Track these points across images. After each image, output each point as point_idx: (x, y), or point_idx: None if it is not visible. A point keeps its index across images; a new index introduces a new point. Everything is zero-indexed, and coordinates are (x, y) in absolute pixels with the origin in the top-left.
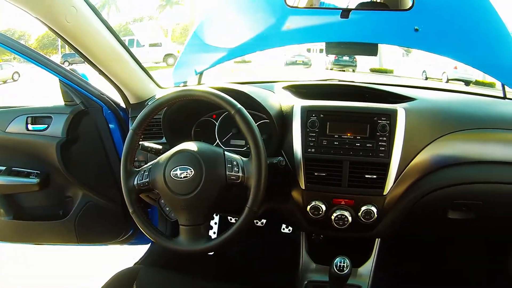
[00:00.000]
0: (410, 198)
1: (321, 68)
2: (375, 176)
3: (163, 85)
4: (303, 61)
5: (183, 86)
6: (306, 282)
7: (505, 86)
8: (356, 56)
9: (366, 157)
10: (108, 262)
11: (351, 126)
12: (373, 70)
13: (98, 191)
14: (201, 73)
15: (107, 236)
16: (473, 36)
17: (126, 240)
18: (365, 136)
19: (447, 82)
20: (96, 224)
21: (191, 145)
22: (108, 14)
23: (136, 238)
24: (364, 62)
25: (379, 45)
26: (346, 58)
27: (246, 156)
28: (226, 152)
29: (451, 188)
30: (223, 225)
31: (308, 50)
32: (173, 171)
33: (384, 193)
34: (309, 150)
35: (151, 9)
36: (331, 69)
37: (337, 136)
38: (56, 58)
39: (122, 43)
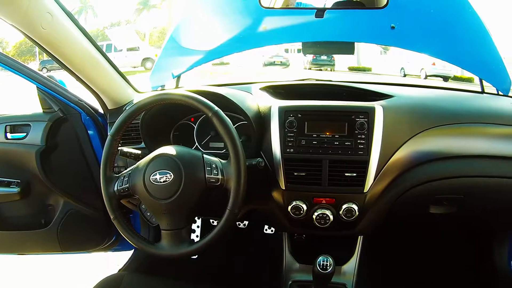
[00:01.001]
0: (391, 195)
1: (299, 68)
2: (355, 174)
3: (141, 89)
4: (281, 62)
5: (161, 90)
6: (290, 282)
7: (483, 81)
8: (334, 55)
9: (345, 156)
10: (92, 270)
11: (329, 125)
12: (351, 69)
13: (79, 198)
14: (178, 77)
15: (90, 243)
16: (450, 32)
17: (110, 246)
18: (343, 135)
19: (425, 78)
20: (79, 232)
21: (169, 149)
22: (85, 19)
23: (119, 245)
24: (342, 61)
25: (357, 44)
26: (324, 57)
27: (226, 158)
28: (204, 155)
29: (432, 183)
30: (206, 228)
31: (286, 51)
32: (153, 176)
33: (365, 191)
34: (288, 150)
35: (128, 13)
36: (309, 69)
37: (315, 135)
38: (35, 64)
39: (98, 49)
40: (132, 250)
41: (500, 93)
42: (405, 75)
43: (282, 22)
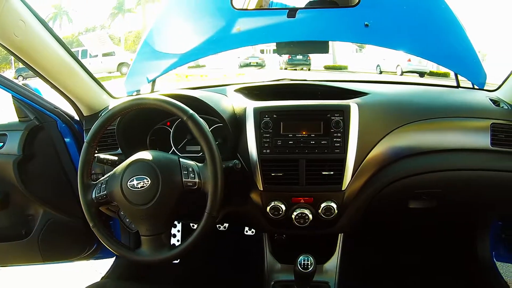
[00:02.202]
0: (369, 192)
1: (275, 68)
2: (332, 172)
3: (117, 95)
4: (257, 63)
5: (136, 95)
6: (272, 282)
7: (458, 75)
8: (310, 55)
9: (322, 154)
10: (75, 279)
11: (305, 125)
12: (327, 68)
13: (59, 207)
14: (153, 81)
15: (71, 252)
16: (423, 28)
17: (91, 255)
18: (319, 134)
19: (401, 74)
20: (60, 241)
21: (146, 154)
22: (60, 25)
23: (101, 252)
24: (318, 60)
25: (332, 43)
26: (299, 57)
27: (203, 162)
28: (181, 159)
29: (410, 178)
30: (186, 232)
31: (262, 51)
32: (130, 182)
33: (343, 189)
34: (264, 151)
35: (103, 18)
36: (285, 69)
37: (291, 135)
38: (10, 72)
39: (72, 55)
40: (114, 257)
41: (475, 87)
42: (381, 72)
43: (256, 23)
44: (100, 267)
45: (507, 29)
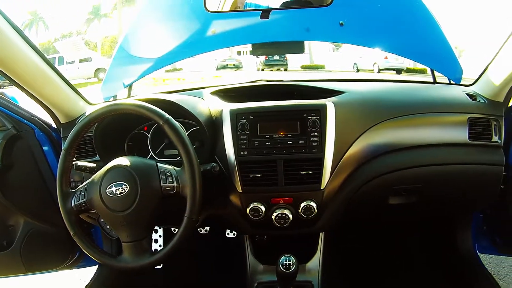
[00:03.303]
0: (348, 190)
1: (252, 69)
2: (310, 172)
3: (94, 101)
4: (234, 64)
5: (113, 100)
6: (256, 284)
7: (434, 71)
8: (286, 55)
9: (300, 154)
10: None
11: (282, 125)
12: (304, 67)
13: (39, 217)
14: (130, 86)
15: (54, 261)
16: (398, 25)
17: (74, 263)
18: (296, 133)
19: (378, 72)
20: (42, 251)
21: (123, 160)
22: (36, 32)
23: (83, 261)
24: (295, 60)
25: (308, 42)
26: (276, 57)
27: (181, 166)
28: (158, 164)
29: (388, 175)
30: (168, 237)
31: (239, 53)
32: (109, 188)
33: (322, 188)
34: (242, 153)
35: (80, 23)
36: (262, 70)
37: (268, 136)
38: None
39: (48, 62)
40: (97, 265)
41: (452, 82)
42: (358, 71)
43: (230, 25)
44: (84, 275)
45: (483, 24)
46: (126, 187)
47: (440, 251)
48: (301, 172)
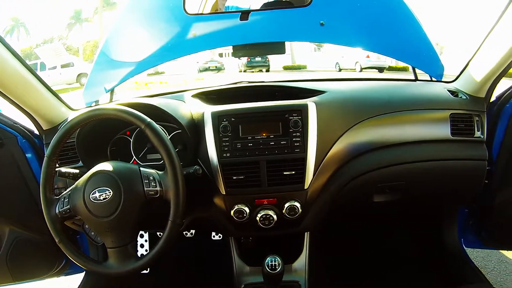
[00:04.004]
0: (332, 189)
1: (234, 71)
2: (293, 172)
3: (77, 106)
4: (216, 67)
5: (95, 105)
6: (242, 286)
7: (415, 69)
8: (268, 56)
9: (282, 155)
10: None
11: (264, 126)
12: (286, 68)
13: (24, 225)
14: (111, 90)
15: (41, 269)
16: (378, 24)
17: (61, 271)
18: (278, 134)
19: (360, 71)
20: (28, 259)
21: (106, 166)
22: (18, 37)
23: (70, 268)
24: (277, 60)
25: (290, 43)
26: (258, 59)
27: (164, 169)
28: (141, 168)
29: (372, 173)
30: (154, 242)
31: (220, 55)
32: (92, 194)
33: (305, 187)
34: (224, 155)
35: (61, 28)
36: (244, 71)
37: (250, 137)
38: None
39: (29, 68)
40: (84, 272)
41: (433, 79)
42: (340, 70)
43: (211, 27)
44: (72, 282)
45: (465, 21)
46: (110, 192)
47: (427, 247)
48: (284, 173)
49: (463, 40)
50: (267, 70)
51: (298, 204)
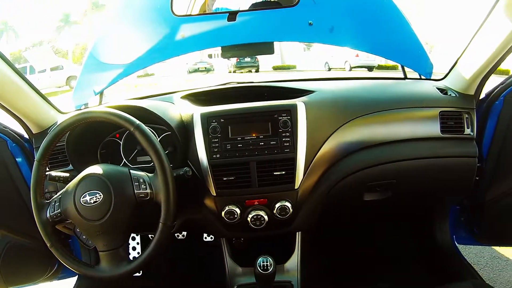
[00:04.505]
0: (323, 188)
1: (223, 72)
2: (283, 172)
3: (67, 109)
4: (205, 68)
5: (84, 108)
6: (235, 287)
7: (404, 67)
8: (258, 56)
9: (272, 155)
10: None
11: (253, 127)
12: (276, 68)
13: (16, 230)
14: (101, 93)
15: (34, 274)
16: (367, 23)
17: (54, 275)
18: (268, 135)
19: (350, 70)
20: (21, 264)
21: (96, 169)
22: (7, 41)
23: (63, 272)
24: (266, 61)
25: (279, 43)
26: (247, 59)
27: (154, 172)
28: (131, 171)
29: (362, 171)
30: (146, 244)
31: (210, 56)
32: (83, 198)
33: (296, 187)
34: (214, 156)
35: (50, 31)
36: (233, 72)
37: (240, 138)
38: None
39: (17, 72)
40: (77, 276)
41: (422, 77)
42: (329, 69)
43: (199, 28)
44: (65, 287)
45: (454, 20)
46: (100, 195)
47: (419, 244)
48: (275, 173)
49: (453, 39)
50: (257, 71)
51: (289, 204)
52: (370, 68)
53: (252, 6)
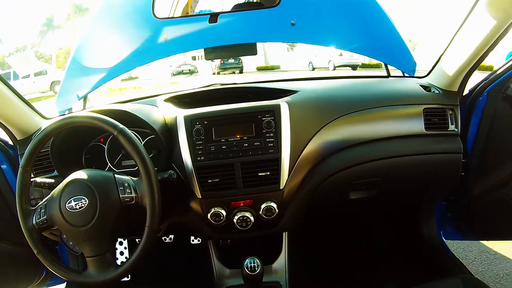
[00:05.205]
0: (308, 188)
1: (207, 74)
2: (268, 173)
3: (50, 115)
4: (189, 70)
5: (68, 113)
6: None
7: (388, 65)
8: (242, 57)
9: (256, 156)
10: None
11: (237, 128)
12: (260, 69)
13: (2, 237)
14: (84, 98)
15: (22, 282)
16: (349, 22)
17: (42, 282)
18: (252, 136)
19: (334, 69)
20: (8, 272)
21: (81, 174)
22: None
23: (51, 279)
24: (250, 62)
25: (262, 43)
26: (231, 60)
27: (138, 176)
28: (116, 175)
29: (347, 170)
30: (133, 249)
31: (193, 58)
32: (68, 203)
33: (281, 188)
34: (199, 158)
35: (34, 36)
36: (218, 73)
37: (224, 140)
38: None
39: (0, 78)
40: (65, 283)
41: (405, 75)
42: (313, 69)
43: (181, 30)
44: None
45: (438, 17)
46: (85, 201)
47: (407, 241)
48: (259, 174)
49: (437, 36)
50: (241, 72)
51: (274, 205)
52: (354, 67)
53: (235, 7)
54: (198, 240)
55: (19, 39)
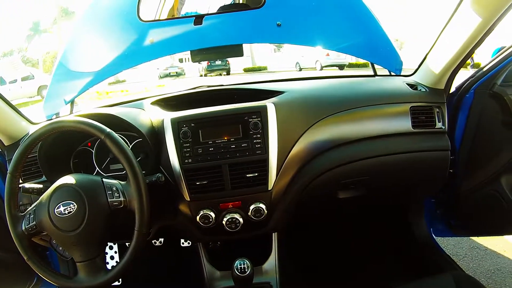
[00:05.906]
0: (296, 188)
1: (195, 76)
2: (256, 174)
3: (37, 120)
4: (176, 72)
5: (56, 118)
6: None
7: (374, 64)
8: (229, 59)
9: (244, 157)
10: None
11: (224, 130)
12: (247, 70)
13: None
14: (72, 102)
15: None
16: (334, 21)
17: None
18: (239, 137)
19: (321, 69)
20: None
21: (69, 179)
22: None
23: (42, 285)
24: (238, 63)
25: (249, 45)
26: (218, 62)
27: (126, 179)
28: (104, 179)
29: (335, 169)
30: (124, 253)
31: (180, 60)
32: (57, 209)
33: (269, 188)
34: (186, 161)
35: (20, 40)
36: (205, 75)
37: (211, 142)
38: None
39: None
40: None
41: (392, 73)
42: (301, 69)
43: (167, 33)
44: None
45: (425, 15)
46: (74, 205)
47: (397, 239)
48: (247, 175)
49: (424, 35)
50: (228, 73)
51: (263, 206)
52: (341, 67)
53: (220, 9)
54: (188, 243)
55: (5, 44)
